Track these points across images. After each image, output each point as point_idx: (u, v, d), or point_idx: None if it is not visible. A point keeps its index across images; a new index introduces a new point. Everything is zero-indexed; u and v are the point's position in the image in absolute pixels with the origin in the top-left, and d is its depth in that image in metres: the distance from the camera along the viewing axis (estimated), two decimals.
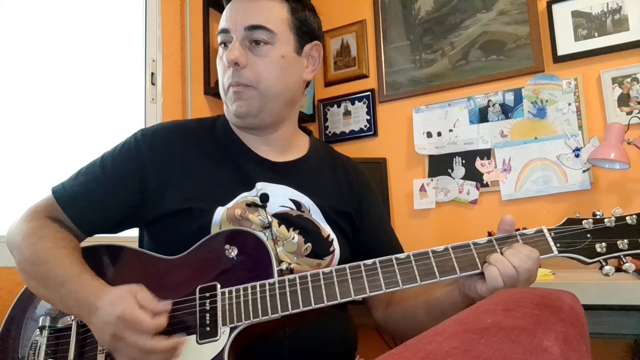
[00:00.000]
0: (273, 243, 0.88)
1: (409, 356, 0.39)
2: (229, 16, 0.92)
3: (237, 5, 0.93)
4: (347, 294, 0.75)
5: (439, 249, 0.77)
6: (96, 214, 0.91)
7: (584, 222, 0.77)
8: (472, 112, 2.12)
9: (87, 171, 0.93)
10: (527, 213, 1.96)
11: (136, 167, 0.92)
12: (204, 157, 0.94)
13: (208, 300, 0.77)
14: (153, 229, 0.94)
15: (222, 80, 0.94)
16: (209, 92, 2.06)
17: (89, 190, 0.91)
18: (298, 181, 0.96)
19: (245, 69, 0.90)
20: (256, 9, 0.91)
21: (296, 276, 0.77)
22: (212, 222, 0.87)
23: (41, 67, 1.53)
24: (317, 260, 0.92)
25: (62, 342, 0.83)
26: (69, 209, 0.90)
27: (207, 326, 0.75)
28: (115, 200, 0.91)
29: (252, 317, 0.74)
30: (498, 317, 0.46)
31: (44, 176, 1.45)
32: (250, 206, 0.90)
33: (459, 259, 0.76)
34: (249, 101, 0.92)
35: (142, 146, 0.94)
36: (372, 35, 2.41)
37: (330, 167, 1.06)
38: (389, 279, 0.75)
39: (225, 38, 0.93)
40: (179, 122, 1.02)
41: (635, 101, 1.82)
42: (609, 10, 1.89)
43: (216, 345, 0.74)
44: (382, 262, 0.77)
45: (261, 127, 0.97)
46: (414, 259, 0.77)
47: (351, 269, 0.77)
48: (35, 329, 0.86)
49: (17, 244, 0.86)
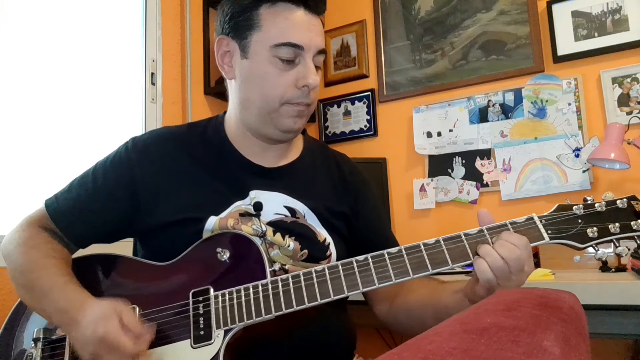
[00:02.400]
0: (267, 249, 0.88)
1: (408, 356, 0.39)
2: (303, 32, 0.87)
3: (309, 20, 0.88)
4: (340, 291, 0.75)
5: (430, 242, 0.77)
6: (87, 227, 0.91)
7: (575, 208, 0.77)
8: (472, 112, 2.12)
9: (79, 183, 0.94)
10: (527, 213, 1.95)
11: (127, 178, 0.91)
12: (196, 167, 0.93)
13: (201, 304, 0.77)
14: (146, 239, 0.95)
15: (281, 94, 0.88)
16: (209, 92, 2.06)
17: (80, 203, 0.91)
18: (292, 186, 0.95)
19: (312, 91, 0.90)
20: (321, 31, 0.90)
21: (289, 276, 0.77)
22: (204, 231, 0.87)
23: (41, 68, 1.53)
24: (313, 265, 0.91)
25: (57, 354, 0.82)
26: (60, 222, 0.91)
27: (201, 330, 0.75)
28: (106, 213, 0.91)
29: (246, 319, 0.74)
30: (498, 317, 0.46)
31: (44, 176, 1.45)
32: (243, 216, 0.89)
33: (450, 251, 0.76)
34: (304, 119, 0.93)
35: (133, 157, 0.93)
36: (372, 35, 2.41)
37: (325, 165, 1.05)
38: (381, 274, 0.75)
39: (295, 54, 0.87)
40: (170, 130, 1.00)
41: (635, 101, 1.81)
42: (609, 10, 1.89)
43: (211, 348, 0.74)
44: (374, 257, 0.77)
45: (284, 140, 0.96)
46: (406, 252, 0.76)
47: (343, 266, 0.77)
48: (30, 342, 0.85)
49: (10, 253, 0.88)
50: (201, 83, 2.05)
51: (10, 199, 1.38)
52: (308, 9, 0.88)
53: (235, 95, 0.95)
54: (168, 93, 1.92)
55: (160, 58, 1.91)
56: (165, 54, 1.93)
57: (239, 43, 0.90)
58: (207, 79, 2.06)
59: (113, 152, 0.96)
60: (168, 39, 1.95)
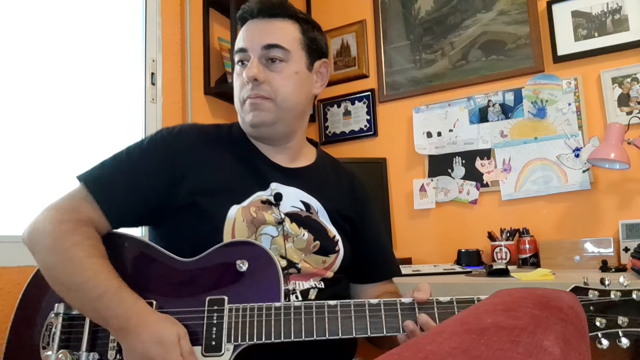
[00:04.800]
0: (284, 239, 0.94)
1: (408, 356, 0.39)
2: (246, 36, 0.99)
3: (254, 26, 1.00)
4: (349, 332, 0.79)
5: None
6: (127, 204, 0.92)
7: (590, 293, 0.78)
8: (472, 112, 2.12)
9: (114, 162, 0.95)
10: (527, 213, 1.96)
11: (165, 156, 0.95)
12: (223, 157, 1.00)
13: (215, 313, 0.82)
14: (169, 221, 0.95)
15: (240, 94, 1.00)
16: (209, 92, 2.06)
17: (120, 178, 0.92)
18: (308, 185, 1.02)
19: (263, 84, 0.96)
20: (272, 29, 0.99)
21: (302, 304, 0.81)
22: (227, 218, 0.91)
23: (41, 67, 1.53)
24: (323, 257, 0.97)
25: (75, 332, 0.85)
26: (102, 197, 0.89)
27: (212, 340, 0.80)
28: (145, 191, 0.93)
29: (255, 339, 0.79)
30: (498, 317, 0.46)
31: (44, 176, 1.45)
32: (264, 204, 0.96)
33: None
34: (265, 112, 0.97)
35: (169, 139, 0.98)
36: (372, 35, 2.41)
37: (335, 176, 1.12)
38: (390, 324, 0.80)
39: (243, 57, 0.99)
40: (200, 125, 1.07)
41: (635, 101, 1.82)
42: (609, 10, 1.89)
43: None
44: (387, 303, 0.82)
45: (274, 138, 1.03)
46: (418, 306, 0.81)
47: (355, 307, 0.81)
48: (50, 313, 0.88)
49: (45, 246, 0.84)
50: (201, 83, 2.05)
51: (10, 199, 1.38)
52: (258, 17, 1.00)
53: None
54: (168, 93, 1.92)
55: (160, 58, 1.91)
56: (165, 54, 1.93)
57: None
58: (207, 79, 2.06)
59: (147, 138, 0.99)
60: (168, 39, 1.95)
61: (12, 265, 1.26)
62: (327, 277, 0.97)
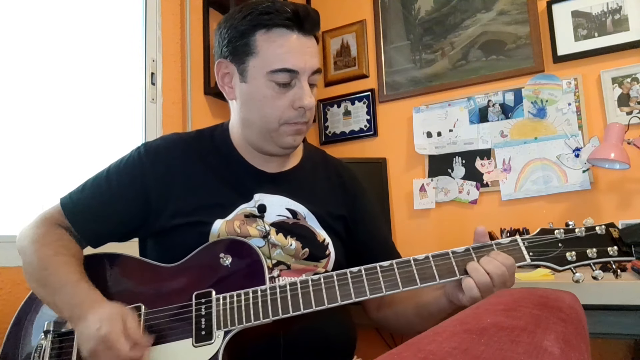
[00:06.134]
0: (269, 249, 0.92)
1: (408, 356, 0.39)
2: (297, 57, 0.89)
3: (301, 44, 0.90)
4: (334, 300, 0.79)
5: (420, 257, 0.81)
6: (101, 226, 0.96)
7: (556, 232, 0.81)
8: (472, 112, 2.12)
9: (93, 184, 0.97)
10: (527, 213, 1.96)
11: (140, 181, 0.95)
12: (205, 171, 0.97)
13: (204, 305, 0.82)
14: (155, 239, 0.98)
15: (279, 116, 0.92)
16: (209, 92, 2.06)
17: (94, 204, 0.95)
18: (294, 190, 1.00)
19: (309, 110, 0.93)
20: (315, 51, 0.93)
21: (286, 283, 0.81)
22: (211, 233, 0.91)
23: (41, 67, 1.53)
24: (313, 263, 0.95)
25: (66, 346, 0.86)
26: (76, 221, 0.95)
27: (202, 330, 0.80)
28: (119, 214, 0.95)
29: (244, 322, 0.79)
30: (498, 317, 0.46)
31: (44, 176, 1.45)
32: (248, 217, 0.94)
33: (438, 267, 0.80)
34: (302, 135, 0.97)
35: (145, 160, 0.97)
36: (372, 35, 2.41)
37: (324, 171, 1.09)
38: (373, 286, 0.80)
39: (292, 77, 0.90)
40: (180, 136, 1.05)
41: (635, 101, 1.81)
42: (609, 10, 1.89)
43: (211, 348, 0.78)
44: (367, 269, 0.81)
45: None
46: (397, 266, 0.81)
47: (338, 276, 0.81)
48: (40, 333, 0.89)
49: (24, 248, 0.92)
50: (201, 83, 2.05)
51: (10, 199, 1.38)
52: (302, 32, 0.91)
53: (236, 113, 0.99)
54: (168, 93, 1.92)
55: (160, 58, 1.91)
56: (165, 54, 1.93)
57: (237, 67, 0.94)
58: (207, 79, 2.06)
59: (126, 156, 1.00)
60: (168, 39, 1.95)
61: (12, 266, 1.26)
62: (319, 272, 0.95)
